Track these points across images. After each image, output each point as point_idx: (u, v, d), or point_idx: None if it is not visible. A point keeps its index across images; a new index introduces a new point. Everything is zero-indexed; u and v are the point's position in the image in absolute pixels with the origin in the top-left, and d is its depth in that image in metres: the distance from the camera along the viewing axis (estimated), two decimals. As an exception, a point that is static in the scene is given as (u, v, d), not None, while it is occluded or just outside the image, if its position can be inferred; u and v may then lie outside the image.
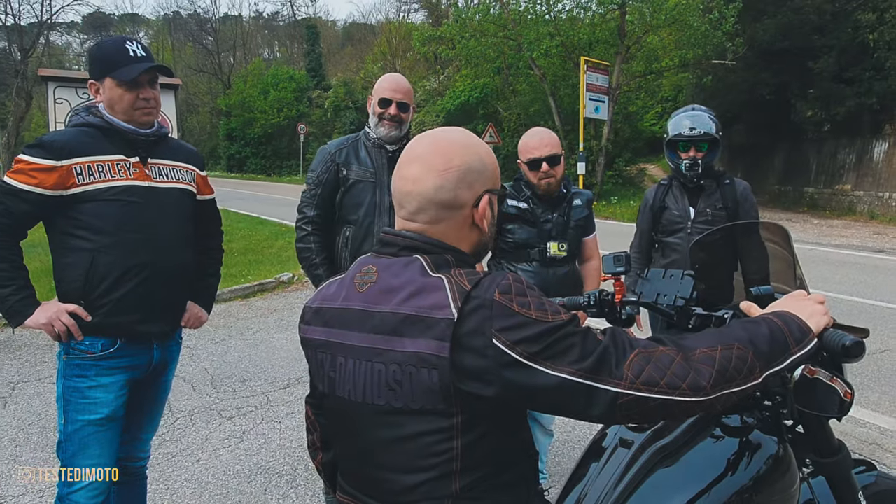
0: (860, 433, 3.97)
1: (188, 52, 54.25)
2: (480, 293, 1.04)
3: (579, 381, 0.98)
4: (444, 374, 1.02)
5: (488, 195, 1.19)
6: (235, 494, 3.27)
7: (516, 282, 1.07)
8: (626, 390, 0.98)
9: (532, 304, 1.04)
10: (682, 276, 1.62)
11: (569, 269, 2.87)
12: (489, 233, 1.23)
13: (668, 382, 0.98)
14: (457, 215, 1.16)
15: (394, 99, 2.71)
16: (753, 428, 1.51)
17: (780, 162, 20.43)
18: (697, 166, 3.01)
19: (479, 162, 1.18)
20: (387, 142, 2.75)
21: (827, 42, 16.69)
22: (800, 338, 1.15)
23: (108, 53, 2.09)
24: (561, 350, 1.00)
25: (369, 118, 2.80)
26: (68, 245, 2.06)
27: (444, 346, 1.02)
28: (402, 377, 1.06)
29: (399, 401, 1.06)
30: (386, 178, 2.72)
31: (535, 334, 1.00)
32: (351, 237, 2.74)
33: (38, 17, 26.61)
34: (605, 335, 1.05)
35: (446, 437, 1.05)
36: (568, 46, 20.97)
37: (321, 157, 2.80)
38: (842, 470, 1.63)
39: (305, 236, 2.77)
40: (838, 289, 8.07)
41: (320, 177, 2.76)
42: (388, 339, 1.07)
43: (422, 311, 1.05)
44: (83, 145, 2.04)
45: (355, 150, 2.78)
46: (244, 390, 4.69)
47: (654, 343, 1.04)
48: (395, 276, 1.12)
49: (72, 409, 2.08)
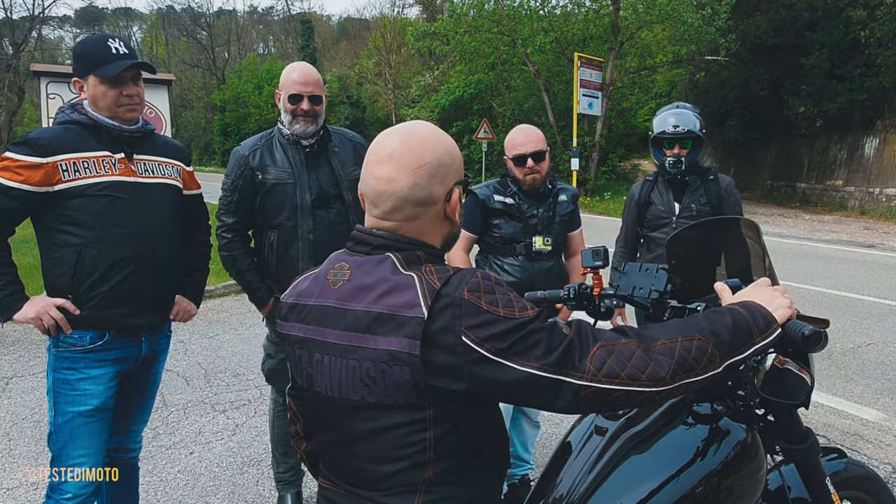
0: (843, 424, 4.05)
1: (182, 46, 54.10)
2: (450, 291, 1.07)
3: (545, 374, 1.03)
4: (415, 371, 1.06)
5: (457, 187, 1.22)
6: (228, 486, 3.32)
7: (485, 279, 1.09)
8: (589, 382, 1.02)
9: (500, 301, 1.07)
10: (656, 270, 1.67)
11: (554, 263, 2.92)
12: (458, 223, 1.27)
13: (628, 374, 1.03)
14: (431, 210, 1.19)
15: (303, 93, 2.61)
16: (723, 416, 1.57)
17: (773, 157, 20.56)
18: (681, 163, 3.07)
19: (447, 156, 1.20)
20: (302, 137, 2.67)
21: (819, 38, 16.79)
22: (764, 328, 1.20)
23: (91, 51, 2.12)
24: (528, 346, 1.03)
25: (281, 114, 2.70)
26: (56, 240, 2.09)
27: (414, 343, 1.05)
28: (375, 373, 1.10)
29: (373, 396, 1.11)
30: (305, 176, 2.65)
31: (503, 331, 1.04)
32: (276, 242, 2.66)
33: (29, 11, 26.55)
34: (571, 328, 1.08)
35: (419, 429, 1.10)
36: (562, 42, 21.03)
37: (234, 160, 2.70)
38: (810, 456, 1.68)
39: (227, 244, 2.69)
40: (826, 283, 8.17)
41: (235, 182, 2.66)
42: (362, 337, 1.11)
43: (393, 309, 1.08)
44: (68, 142, 2.07)
45: (269, 151, 2.68)
46: (237, 384, 4.74)
47: (617, 335, 1.09)
48: (367, 273, 1.15)
49: (62, 400, 2.11)
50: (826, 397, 4.48)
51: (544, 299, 1.96)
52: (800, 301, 7.23)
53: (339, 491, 1.21)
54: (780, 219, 15.93)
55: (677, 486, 1.45)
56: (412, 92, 33.82)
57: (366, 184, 1.21)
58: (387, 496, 1.13)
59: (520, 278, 2.83)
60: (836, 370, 5.02)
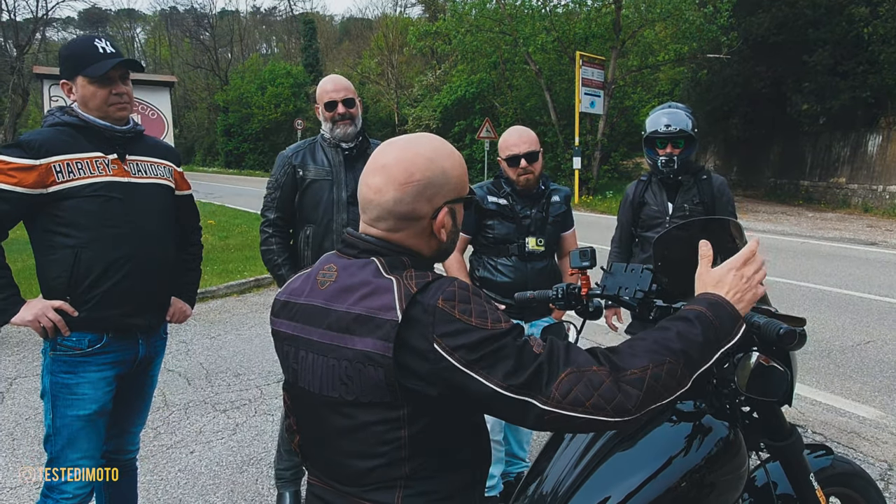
0: (840, 422, 4.06)
1: (185, 47, 54.25)
2: (426, 299, 1.09)
3: (510, 395, 1.04)
4: (389, 372, 1.08)
5: (447, 207, 1.22)
6: (227, 485, 3.35)
7: (461, 289, 1.11)
8: (552, 408, 1.04)
9: (473, 311, 1.08)
10: (641, 270, 1.70)
11: (546, 263, 2.95)
12: (448, 240, 1.27)
13: (594, 403, 1.04)
14: (415, 225, 1.22)
15: (337, 99, 2.79)
16: (705, 413, 1.59)
17: (776, 155, 20.52)
18: (673, 163, 3.09)
19: (441, 176, 1.21)
20: (344, 140, 2.83)
21: (821, 36, 16.75)
22: (729, 328, 1.20)
23: (78, 52, 2.12)
24: (496, 360, 1.05)
25: (322, 125, 2.88)
26: (51, 242, 2.10)
27: (388, 346, 1.08)
28: (352, 373, 1.13)
29: (350, 394, 1.14)
30: (343, 175, 2.82)
31: (474, 342, 1.05)
32: (311, 235, 2.82)
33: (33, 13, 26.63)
34: (544, 349, 1.09)
35: (394, 428, 1.13)
36: (564, 41, 21.03)
37: (279, 161, 2.90)
38: (794, 453, 1.71)
39: (267, 238, 2.87)
40: (828, 281, 8.17)
41: (278, 180, 2.85)
42: (342, 337, 1.14)
43: (371, 311, 1.11)
44: (61, 144, 2.07)
45: (312, 153, 2.87)
46: (238, 384, 4.78)
47: (589, 360, 1.08)
48: (351, 276, 1.19)
49: (60, 404, 2.12)
50: (823, 395, 4.49)
51: (533, 299, 1.99)
52: (800, 299, 7.25)
53: (325, 487, 1.25)
54: (782, 216, 15.90)
55: (661, 482, 1.48)
56: (414, 91, 33.84)
57: (359, 189, 1.25)
58: (368, 492, 1.16)
59: (513, 278, 2.86)
60: (834, 368, 5.03)
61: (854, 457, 3.53)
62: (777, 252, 10.30)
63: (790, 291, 7.59)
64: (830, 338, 5.81)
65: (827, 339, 5.75)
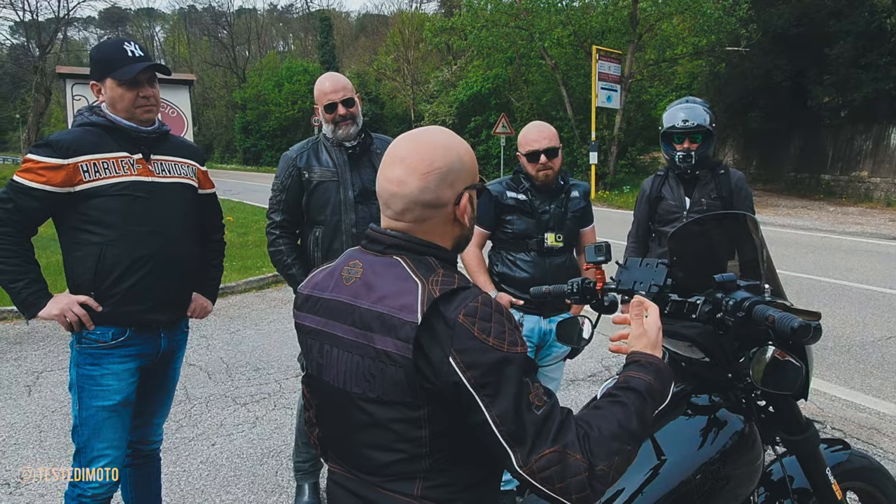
0: (860, 418, 4.03)
1: (204, 45, 54.69)
2: (448, 311, 1.11)
3: (498, 436, 1.07)
4: (408, 373, 1.11)
5: (468, 192, 1.26)
6: (248, 476, 3.42)
7: (484, 305, 1.12)
8: (525, 475, 1.07)
9: (493, 330, 1.09)
10: (656, 264, 1.71)
11: (565, 258, 2.96)
12: (469, 226, 1.30)
13: (563, 488, 1.06)
14: (440, 213, 1.24)
15: (337, 100, 2.78)
16: (720, 406, 1.60)
17: (797, 149, 20.25)
18: (691, 157, 3.08)
19: (458, 161, 1.25)
20: (346, 140, 2.83)
21: (843, 27, 16.48)
22: (666, 394, 1.25)
23: (108, 55, 2.18)
24: (498, 390, 1.07)
25: (323, 126, 2.88)
26: (77, 239, 2.16)
27: (408, 347, 1.10)
28: (375, 371, 1.15)
29: (373, 391, 1.16)
30: (348, 175, 2.82)
31: (487, 363, 1.07)
32: (321, 236, 2.82)
33: (55, 13, 27.01)
34: (543, 409, 1.09)
35: (415, 427, 1.15)
36: (580, 35, 20.91)
37: (283, 163, 2.89)
38: (810, 447, 1.72)
39: (275, 240, 2.88)
40: (849, 276, 8.07)
41: (283, 182, 2.86)
42: (365, 334, 1.17)
43: (392, 311, 1.13)
44: (88, 143, 2.14)
45: (315, 153, 2.87)
46: (258, 378, 4.84)
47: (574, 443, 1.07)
48: (376, 274, 1.21)
49: (86, 395, 2.19)
50: (843, 391, 4.46)
51: (549, 294, 2.01)
52: (820, 294, 7.18)
53: (346, 475, 1.28)
54: (803, 211, 15.71)
55: (676, 474, 1.50)
56: (430, 87, 33.85)
57: (379, 186, 1.27)
58: (389, 481, 1.19)
59: (531, 274, 2.87)
60: (854, 363, 4.98)
61: (874, 453, 3.51)
62: (797, 247, 10.19)
63: (810, 286, 7.51)
64: (851, 333, 5.75)
65: (847, 335, 5.70)
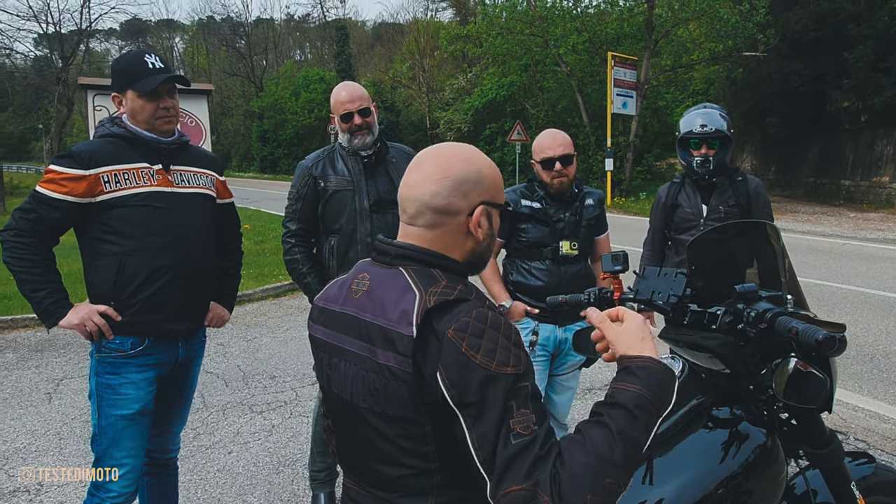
0: (884, 429, 3.95)
1: (222, 55, 55.29)
2: (439, 325, 1.08)
3: (475, 459, 1.03)
4: (410, 388, 1.09)
5: (484, 206, 1.23)
6: (264, 485, 3.42)
7: (478, 320, 1.07)
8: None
9: (483, 346, 1.05)
10: (675, 274, 1.68)
11: (580, 267, 2.94)
12: (484, 242, 1.26)
13: None
14: (452, 222, 1.22)
15: (353, 110, 2.80)
16: (742, 419, 1.57)
17: (816, 154, 19.99)
18: (709, 163, 3.05)
19: (476, 174, 1.23)
20: (362, 149, 2.84)
21: (862, 31, 16.28)
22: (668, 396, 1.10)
23: (129, 67, 2.22)
24: (482, 412, 1.02)
25: (339, 135, 2.89)
26: (98, 249, 2.19)
27: (407, 361, 1.08)
28: (379, 385, 1.13)
29: (379, 406, 1.15)
30: (363, 184, 2.84)
31: (473, 383, 1.03)
32: (336, 245, 2.84)
33: (77, 25, 27.47)
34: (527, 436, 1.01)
35: (421, 442, 1.13)
36: (595, 42, 20.86)
37: (299, 172, 2.91)
38: (834, 460, 1.68)
39: (290, 248, 2.90)
40: (870, 284, 7.94)
41: (300, 191, 2.88)
42: (370, 348, 1.15)
43: (391, 324, 1.12)
44: (109, 154, 2.17)
45: (331, 162, 2.89)
46: (274, 386, 4.86)
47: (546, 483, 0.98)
48: (381, 286, 1.20)
49: (105, 404, 2.21)
50: (867, 401, 4.37)
51: (565, 303, 1.99)
52: (841, 301, 7.06)
53: (360, 491, 1.26)
54: (823, 217, 15.49)
55: (697, 488, 1.47)
56: (446, 95, 33.94)
57: (399, 191, 1.28)
58: (400, 497, 1.18)
59: (546, 282, 2.86)
60: (878, 373, 4.89)
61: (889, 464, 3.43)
62: (818, 254, 10.04)
63: (831, 294, 7.40)
64: (874, 342, 5.65)
65: (870, 344, 5.59)
